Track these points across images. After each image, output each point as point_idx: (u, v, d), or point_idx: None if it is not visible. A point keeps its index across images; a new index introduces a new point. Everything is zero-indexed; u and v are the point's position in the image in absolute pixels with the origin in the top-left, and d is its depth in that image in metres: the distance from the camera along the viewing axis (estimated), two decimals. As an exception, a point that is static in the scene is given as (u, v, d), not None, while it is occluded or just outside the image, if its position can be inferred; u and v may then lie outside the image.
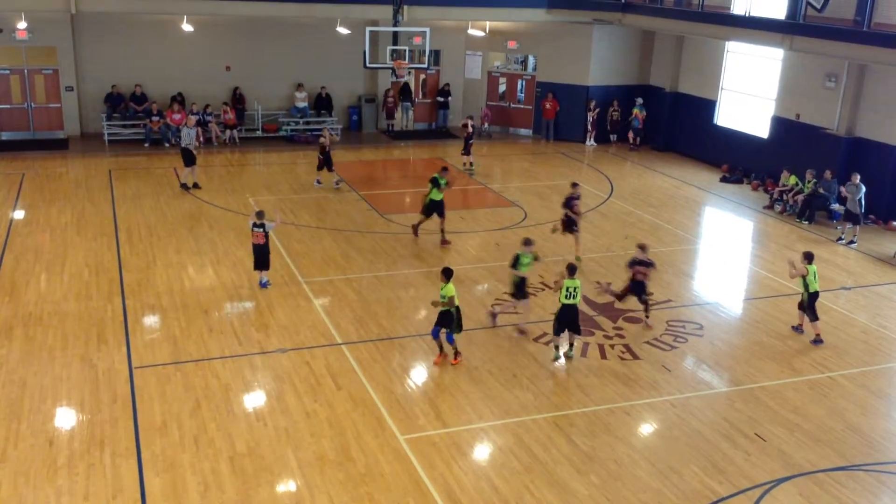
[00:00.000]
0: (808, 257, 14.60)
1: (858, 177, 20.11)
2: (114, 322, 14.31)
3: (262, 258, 15.76)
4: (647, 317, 15.01)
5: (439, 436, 11.31)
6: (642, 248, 14.96)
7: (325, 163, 22.62)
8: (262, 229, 15.50)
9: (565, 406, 12.21)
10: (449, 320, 12.99)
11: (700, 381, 13.22)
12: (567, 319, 13.36)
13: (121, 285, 15.86)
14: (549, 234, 18.68)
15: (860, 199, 19.95)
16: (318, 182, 22.84)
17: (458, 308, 13.05)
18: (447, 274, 13.00)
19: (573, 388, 12.73)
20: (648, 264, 14.78)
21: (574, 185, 18.47)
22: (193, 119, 23.76)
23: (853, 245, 19.96)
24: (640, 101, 29.29)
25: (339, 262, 17.45)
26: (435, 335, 13.17)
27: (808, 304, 14.57)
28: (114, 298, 15.26)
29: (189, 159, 22.06)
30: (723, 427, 11.86)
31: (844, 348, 14.51)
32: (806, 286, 14.54)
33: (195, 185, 22.35)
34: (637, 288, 14.80)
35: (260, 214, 15.72)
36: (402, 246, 18.57)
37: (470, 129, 24.97)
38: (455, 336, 13.17)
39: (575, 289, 13.22)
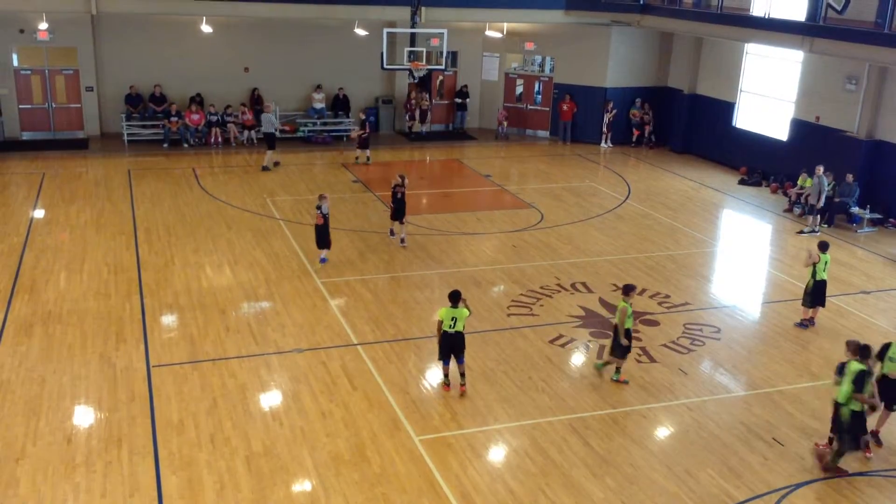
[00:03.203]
0: (823, 247, 15.11)
1: (822, 168, 20.75)
2: (132, 321, 14.40)
3: (321, 237, 16.99)
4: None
5: (454, 437, 11.31)
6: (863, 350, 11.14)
7: (398, 212, 18.45)
8: (319, 211, 16.78)
9: (581, 408, 12.17)
10: (464, 344, 12.40)
11: (717, 384, 13.15)
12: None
13: (139, 284, 15.97)
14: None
15: (825, 192, 20.68)
16: (393, 233, 19.00)
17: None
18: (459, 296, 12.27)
19: (589, 391, 12.69)
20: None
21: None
22: (272, 106, 25.75)
23: (816, 232, 20.65)
24: (638, 101, 29.77)
25: (356, 263, 17.49)
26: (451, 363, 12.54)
27: (812, 291, 15.10)
28: (132, 297, 15.37)
29: (271, 143, 24.47)
30: (740, 431, 11.79)
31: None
32: (814, 274, 15.00)
33: (276, 164, 24.78)
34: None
35: (321, 197, 16.95)
36: (418, 247, 18.58)
37: (364, 132, 25.38)
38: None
39: (618, 310, 12.76)
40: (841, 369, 11.16)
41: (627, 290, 12.80)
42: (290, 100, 29.12)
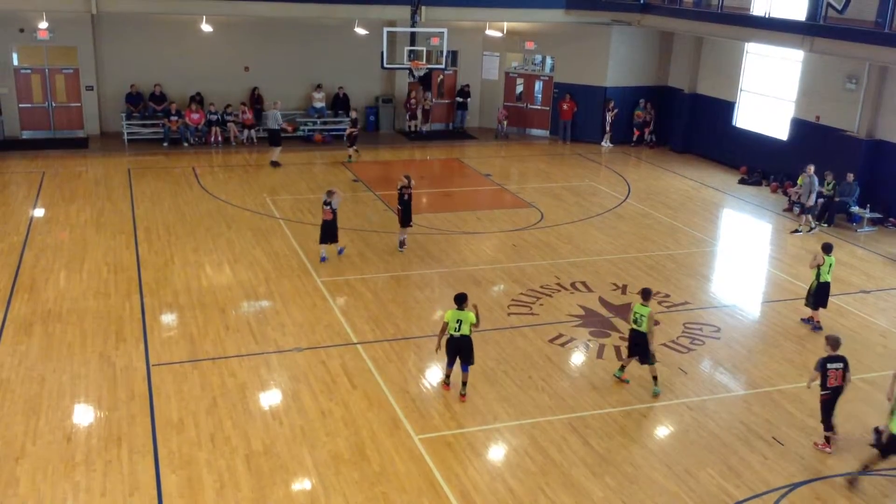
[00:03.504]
0: (827, 248, 15.02)
1: (813, 168, 20.84)
2: (132, 320, 14.40)
3: (329, 232, 17.14)
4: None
5: (454, 436, 11.31)
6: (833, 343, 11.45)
7: (404, 216, 17.93)
8: (329, 206, 16.91)
9: (580, 408, 12.17)
10: (469, 349, 12.18)
11: (717, 383, 13.14)
12: (632, 345, 12.63)
13: (139, 283, 15.97)
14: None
15: (815, 191, 20.82)
16: (402, 245, 18.23)
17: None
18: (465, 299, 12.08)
19: (588, 390, 12.69)
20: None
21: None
22: (279, 103, 26.00)
23: (814, 232, 20.72)
24: (642, 101, 29.78)
25: (356, 262, 17.48)
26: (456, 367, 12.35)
27: (815, 292, 15.04)
28: (132, 296, 15.37)
29: (275, 140, 24.96)
30: (740, 430, 11.79)
31: (863, 352, 14.38)
32: (818, 276, 14.90)
33: (276, 163, 24.91)
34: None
35: (329, 193, 17.08)
36: (418, 246, 18.57)
37: (353, 130, 25.70)
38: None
39: (641, 316, 12.34)
40: (822, 365, 11.23)
41: (648, 294, 12.55)
42: (290, 99, 29.08)
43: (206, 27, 26.37)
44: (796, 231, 20.90)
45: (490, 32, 29.90)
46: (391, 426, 11.46)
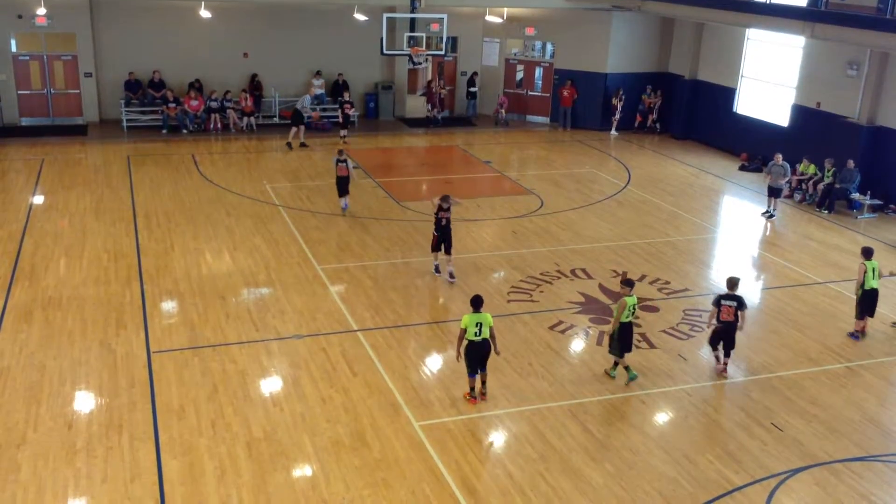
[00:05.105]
0: (867, 253, 14.15)
1: (781, 157, 20.86)
2: (132, 307, 14.41)
3: (345, 187, 19.38)
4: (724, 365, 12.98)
5: (454, 423, 11.34)
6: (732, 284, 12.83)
7: (442, 241, 15.78)
8: (344, 164, 19.15)
9: (580, 394, 12.20)
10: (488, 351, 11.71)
11: (716, 370, 13.16)
12: (626, 339, 12.44)
13: (139, 271, 15.97)
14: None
15: (788, 179, 21.18)
16: (438, 270, 16.15)
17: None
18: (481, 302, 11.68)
19: (588, 377, 12.71)
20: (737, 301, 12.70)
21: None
22: (313, 90, 28.00)
23: (768, 214, 21.01)
24: (649, 88, 29.70)
25: (355, 249, 17.48)
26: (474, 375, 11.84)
27: (860, 300, 14.15)
28: (132, 283, 15.37)
29: (297, 120, 25.65)
30: (739, 416, 11.82)
31: (864, 339, 14.40)
32: (863, 283, 14.08)
33: (288, 146, 25.55)
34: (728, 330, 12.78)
35: (341, 153, 19.52)
36: (417, 233, 18.56)
37: (350, 113, 26.83)
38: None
39: (634, 307, 12.31)
40: (717, 301, 12.67)
41: (631, 283, 12.45)
42: (289, 85, 29.01)
43: (205, 13, 26.26)
44: (771, 215, 20.85)
45: (490, 18, 29.79)
46: (391, 413, 11.48)
